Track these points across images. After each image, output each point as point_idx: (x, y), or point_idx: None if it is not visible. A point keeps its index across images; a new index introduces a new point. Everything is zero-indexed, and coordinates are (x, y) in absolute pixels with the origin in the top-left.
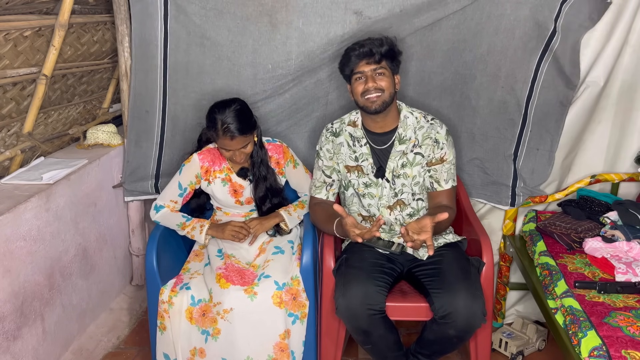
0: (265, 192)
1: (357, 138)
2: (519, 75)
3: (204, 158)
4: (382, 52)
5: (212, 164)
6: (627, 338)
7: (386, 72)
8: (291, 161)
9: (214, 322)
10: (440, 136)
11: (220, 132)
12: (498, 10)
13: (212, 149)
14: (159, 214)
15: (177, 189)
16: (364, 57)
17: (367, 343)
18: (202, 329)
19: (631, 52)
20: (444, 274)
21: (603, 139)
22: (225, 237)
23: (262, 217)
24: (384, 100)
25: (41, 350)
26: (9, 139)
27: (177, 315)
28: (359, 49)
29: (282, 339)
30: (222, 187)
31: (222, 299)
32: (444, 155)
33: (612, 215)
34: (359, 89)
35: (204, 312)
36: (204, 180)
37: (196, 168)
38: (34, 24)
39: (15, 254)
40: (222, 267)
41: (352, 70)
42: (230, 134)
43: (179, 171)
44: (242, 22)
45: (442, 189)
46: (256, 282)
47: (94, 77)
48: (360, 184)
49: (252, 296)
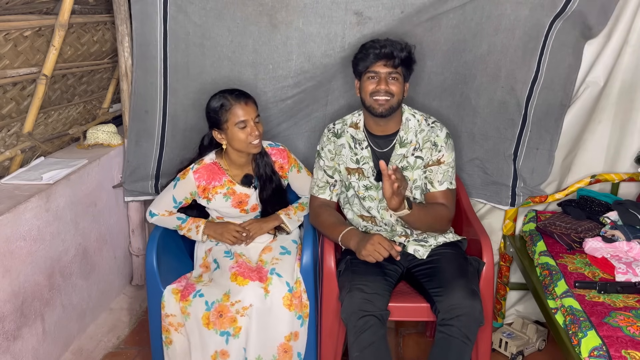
0: (272, 193)
1: (359, 140)
2: (519, 75)
3: (200, 177)
4: (402, 57)
5: (211, 180)
6: (627, 338)
7: (399, 78)
8: (295, 166)
9: (234, 321)
10: (439, 139)
11: (233, 100)
12: (498, 10)
13: (209, 165)
14: (154, 219)
15: (171, 202)
16: (383, 57)
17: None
18: (221, 331)
19: (631, 52)
20: (442, 272)
21: (603, 139)
22: (223, 240)
23: (261, 219)
24: (391, 105)
25: (41, 350)
26: (9, 139)
27: (195, 325)
28: (380, 48)
29: (286, 340)
30: (225, 201)
31: (242, 296)
32: (441, 157)
33: (612, 215)
34: (370, 88)
35: (221, 313)
36: (202, 199)
37: (191, 187)
38: (34, 24)
39: (15, 254)
40: (234, 266)
41: (367, 67)
42: (244, 98)
43: (174, 184)
44: (242, 23)
45: (435, 190)
46: (270, 278)
47: (94, 77)
48: (360, 187)
49: (265, 294)
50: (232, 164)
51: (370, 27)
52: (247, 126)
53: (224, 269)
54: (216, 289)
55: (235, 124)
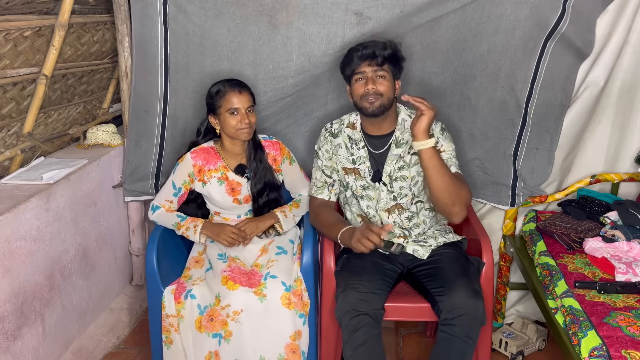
0: (264, 185)
1: (356, 141)
2: (518, 75)
3: (197, 157)
4: (385, 55)
5: (206, 162)
6: (627, 338)
7: (387, 75)
8: (287, 157)
9: (225, 324)
10: (435, 132)
11: (228, 87)
12: (498, 10)
13: (207, 148)
14: (156, 214)
15: (171, 188)
16: (366, 58)
17: (350, 349)
18: (214, 333)
19: (631, 52)
20: (444, 272)
21: (603, 139)
22: (219, 241)
23: (257, 218)
24: (382, 103)
25: (41, 350)
26: (9, 139)
27: (189, 327)
28: (362, 50)
29: (292, 340)
30: (219, 186)
31: (231, 300)
32: (440, 147)
33: (612, 215)
34: (359, 90)
35: (212, 317)
36: (198, 181)
37: (189, 167)
38: (34, 24)
39: (15, 254)
40: (226, 270)
41: (353, 70)
42: (238, 87)
43: (174, 170)
44: (241, 23)
45: None
46: (263, 283)
47: (94, 77)
48: (357, 187)
49: (261, 298)
50: (227, 152)
51: (370, 27)
52: (238, 114)
53: (216, 271)
54: (208, 291)
55: (227, 110)
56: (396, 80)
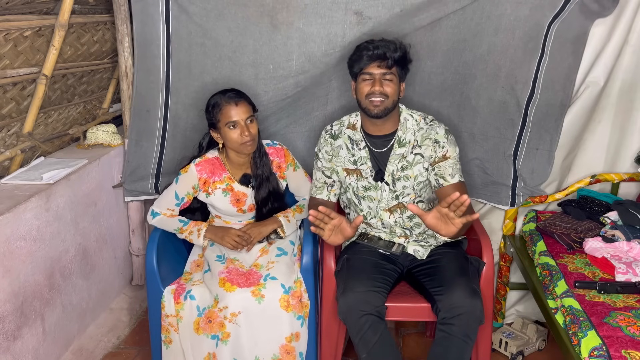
0: (268, 194)
1: (356, 141)
2: (519, 75)
3: (202, 170)
4: (395, 57)
5: (212, 174)
6: (627, 338)
7: (394, 78)
8: (292, 164)
9: (222, 326)
10: (440, 136)
11: (224, 101)
12: (498, 10)
13: (211, 159)
14: (156, 219)
15: (173, 198)
16: (376, 59)
17: (364, 351)
18: (212, 335)
19: (631, 52)
20: (443, 272)
21: (603, 139)
22: (223, 244)
23: (260, 222)
24: (386, 106)
25: (41, 350)
26: (9, 139)
27: (187, 328)
28: (373, 49)
29: (288, 342)
30: (223, 197)
31: (229, 302)
32: (445, 152)
33: (612, 215)
34: (365, 89)
35: (210, 319)
36: (202, 192)
37: (193, 179)
38: (34, 24)
39: (15, 254)
40: (224, 271)
41: (362, 69)
42: (234, 99)
43: (176, 180)
44: (242, 23)
45: (448, 183)
46: (262, 284)
47: (94, 77)
48: (359, 187)
49: (259, 299)
50: (232, 162)
51: (370, 26)
52: (237, 127)
53: (214, 273)
54: (206, 293)
55: (226, 124)
56: (401, 82)
